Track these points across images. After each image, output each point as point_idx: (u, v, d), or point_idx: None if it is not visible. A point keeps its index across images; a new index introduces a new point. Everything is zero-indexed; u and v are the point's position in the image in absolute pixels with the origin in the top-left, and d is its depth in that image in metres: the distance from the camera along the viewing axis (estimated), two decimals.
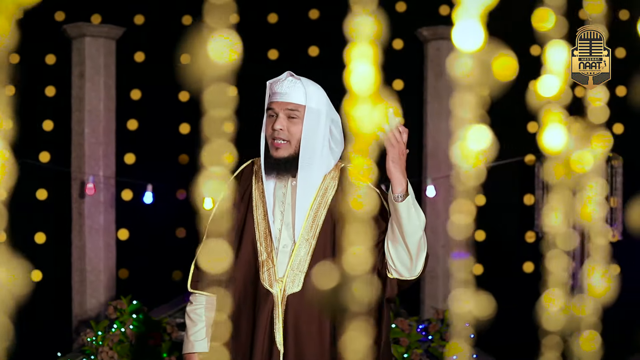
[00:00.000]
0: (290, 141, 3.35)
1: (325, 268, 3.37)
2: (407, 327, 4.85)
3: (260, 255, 3.37)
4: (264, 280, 3.34)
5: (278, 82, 3.46)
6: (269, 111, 3.42)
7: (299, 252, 3.35)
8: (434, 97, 6.99)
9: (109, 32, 7.05)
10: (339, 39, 6.91)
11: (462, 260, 1.91)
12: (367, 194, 3.51)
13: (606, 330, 6.65)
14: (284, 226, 3.39)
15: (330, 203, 3.40)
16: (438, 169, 6.94)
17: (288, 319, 3.30)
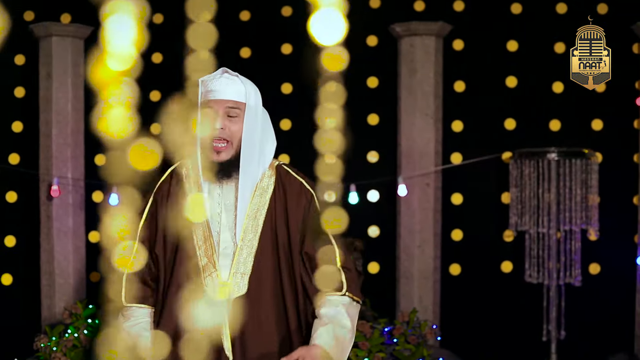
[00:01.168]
0: (231, 141, 3.24)
1: (269, 269, 3.26)
2: (369, 330, 4.72)
3: (200, 260, 3.24)
4: (206, 286, 3.21)
5: (214, 79, 3.29)
6: (205, 109, 3.26)
7: (241, 254, 3.24)
8: (408, 95, 6.87)
9: (77, 32, 6.90)
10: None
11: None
12: (302, 193, 3.46)
13: (588, 328, 6.56)
14: (224, 229, 3.27)
15: (269, 203, 3.32)
16: (413, 167, 6.82)
17: (236, 323, 3.20)
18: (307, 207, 3.36)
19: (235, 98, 3.26)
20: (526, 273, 6.48)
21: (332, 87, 2.26)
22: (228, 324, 3.20)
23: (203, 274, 3.22)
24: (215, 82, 3.27)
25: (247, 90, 3.30)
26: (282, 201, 3.34)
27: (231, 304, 3.21)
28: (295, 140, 7.23)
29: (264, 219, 3.29)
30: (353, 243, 5.35)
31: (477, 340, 7.10)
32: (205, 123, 3.26)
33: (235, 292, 3.22)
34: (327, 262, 3.31)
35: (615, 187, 6.97)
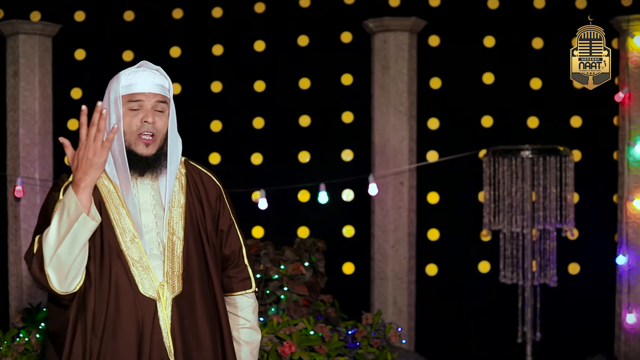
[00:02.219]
0: (156, 136, 3.11)
1: (196, 265, 3.17)
2: (329, 333, 4.59)
3: (132, 263, 3.09)
4: (142, 289, 3.08)
5: (138, 73, 3.14)
6: (131, 103, 3.10)
7: (169, 252, 3.13)
8: (381, 92, 6.75)
9: (44, 29, 6.78)
10: (288, 33, 6.52)
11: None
12: (213, 187, 3.37)
13: (567, 329, 6.41)
14: (150, 229, 3.15)
15: (187, 199, 3.23)
16: (386, 165, 6.70)
17: (174, 325, 3.09)
18: (219, 201, 3.31)
19: (161, 92, 3.13)
20: (500, 273, 6.36)
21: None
22: (169, 323, 3.08)
23: (137, 277, 3.09)
24: (139, 75, 3.13)
25: (169, 84, 3.19)
26: (197, 196, 3.25)
27: (170, 305, 3.09)
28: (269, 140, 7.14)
29: (184, 215, 3.20)
30: (315, 244, 5.23)
31: (453, 342, 6.98)
32: (131, 117, 3.09)
33: (173, 292, 3.11)
34: (236, 259, 3.34)
35: (595, 185, 6.85)
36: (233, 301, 3.34)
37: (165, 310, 3.08)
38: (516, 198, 6.21)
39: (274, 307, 4.88)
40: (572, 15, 6.88)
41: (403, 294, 6.70)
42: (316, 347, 4.48)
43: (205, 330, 3.15)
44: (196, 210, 3.22)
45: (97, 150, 2.87)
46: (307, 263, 5.09)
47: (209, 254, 3.22)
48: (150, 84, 3.11)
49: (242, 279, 3.34)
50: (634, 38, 6.42)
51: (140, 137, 3.08)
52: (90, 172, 2.88)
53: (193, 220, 3.20)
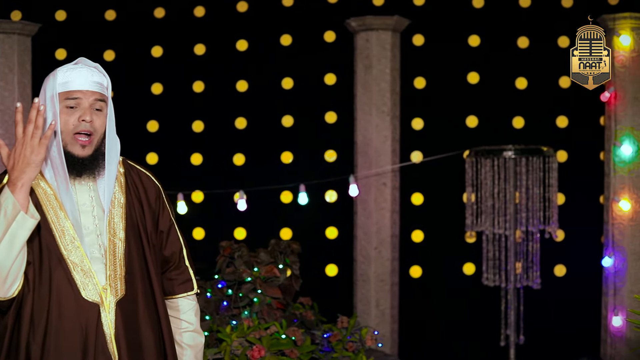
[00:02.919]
0: (94, 135, 3.01)
1: (137, 267, 3.09)
2: (301, 337, 4.51)
3: (72, 268, 3.00)
4: (85, 293, 2.99)
5: (76, 70, 3.04)
6: (68, 101, 2.99)
7: (110, 255, 3.04)
8: (364, 91, 6.67)
9: (24, 29, 6.69)
10: (268, 32, 6.44)
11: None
12: (152, 186, 3.26)
13: (553, 332, 6.33)
14: (90, 231, 3.05)
15: (127, 199, 3.14)
16: (369, 166, 6.62)
17: (119, 329, 3.00)
18: (158, 201, 3.23)
19: (100, 90, 3.04)
20: (483, 276, 6.28)
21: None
22: (113, 327, 2.99)
23: (79, 281, 3.00)
24: (77, 72, 3.02)
25: (108, 82, 3.09)
26: (137, 196, 3.17)
27: (114, 309, 3.01)
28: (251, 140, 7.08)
29: (125, 216, 3.11)
30: (290, 246, 5.15)
31: (436, 345, 6.90)
32: (68, 115, 2.99)
33: (116, 295, 3.02)
34: (177, 260, 3.26)
35: (581, 186, 6.78)
36: (174, 304, 3.26)
37: (108, 314, 2.99)
38: (499, 199, 6.13)
39: (247, 310, 4.80)
40: (558, 14, 6.81)
41: (386, 296, 6.62)
42: (287, 351, 4.40)
43: (149, 334, 3.07)
44: (136, 211, 3.14)
45: (34, 148, 2.74)
46: (281, 265, 5.01)
47: (149, 256, 3.13)
48: (88, 82, 3.01)
49: (184, 281, 3.25)
50: (620, 37, 6.34)
51: (76, 137, 2.98)
52: (27, 170, 2.76)
53: (134, 221, 3.12)
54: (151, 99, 7.03)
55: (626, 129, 6.40)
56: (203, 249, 6.48)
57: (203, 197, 6.89)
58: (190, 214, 6.72)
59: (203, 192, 6.88)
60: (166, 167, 6.91)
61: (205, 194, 6.86)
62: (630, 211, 6.38)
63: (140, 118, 7.03)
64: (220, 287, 4.89)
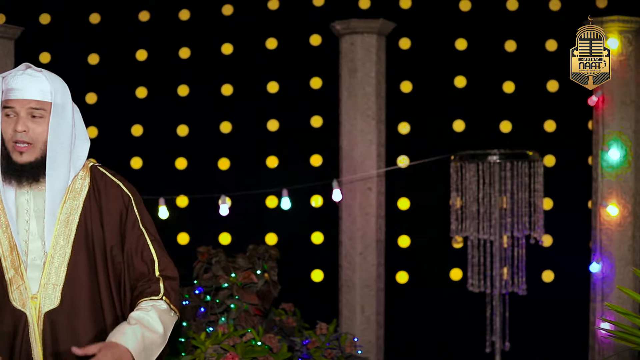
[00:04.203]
0: (34, 144, 2.97)
1: (84, 278, 3.00)
2: (277, 344, 4.45)
3: (6, 272, 2.97)
4: (14, 300, 2.95)
5: (16, 77, 2.99)
6: (6, 109, 2.97)
7: (52, 263, 2.98)
8: (348, 95, 6.61)
9: (6, 32, 6.64)
10: (253, 35, 6.37)
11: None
12: (119, 196, 3.15)
13: (540, 338, 6.26)
14: (32, 237, 3.01)
15: (84, 206, 3.05)
16: (354, 170, 6.55)
17: (47, 340, 2.94)
18: (125, 212, 3.10)
19: (39, 97, 2.96)
20: (468, 282, 6.21)
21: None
22: (39, 340, 2.93)
23: (10, 287, 2.95)
24: (17, 79, 2.98)
25: (53, 87, 2.99)
26: (96, 204, 3.07)
27: (42, 319, 2.94)
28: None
29: (77, 225, 3.03)
30: (268, 251, 5.09)
31: (422, 351, 6.84)
32: (6, 125, 2.97)
33: (47, 306, 2.95)
34: (150, 273, 3.08)
35: (569, 191, 6.72)
36: (138, 307, 3.04)
37: (36, 326, 2.94)
38: (484, 204, 6.07)
39: (224, 316, 4.74)
40: (546, 18, 6.76)
41: (371, 302, 6.55)
42: (261, 359, 4.34)
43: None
44: (92, 219, 3.05)
45: None
46: (259, 271, 4.95)
47: (102, 268, 3.03)
48: (26, 90, 2.96)
49: (152, 290, 3.06)
50: (607, 40, 6.28)
51: (15, 145, 2.95)
52: None
53: (86, 230, 3.03)
54: (135, 103, 6.97)
55: (614, 133, 6.34)
56: (187, 254, 6.42)
57: (188, 202, 6.83)
58: (174, 219, 6.66)
59: (187, 197, 6.82)
60: (151, 172, 6.86)
61: (190, 199, 6.80)
62: (618, 216, 6.32)
63: (124, 122, 6.97)
64: (198, 293, 4.83)
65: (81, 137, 3.10)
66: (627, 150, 6.31)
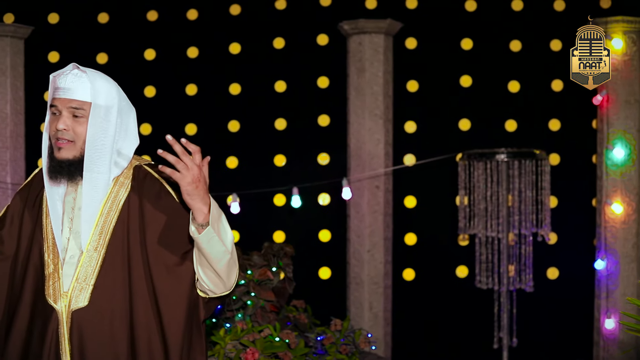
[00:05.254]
0: (75, 142, 3.02)
1: (118, 281, 3.01)
2: (294, 340, 4.51)
3: (47, 267, 3.03)
4: (49, 296, 3.00)
5: (61, 76, 3.05)
6: (51, 108, 3.05)
7: (86, 263, 3.01)
8: (356, 94, 6.68)
9: (16, 31, 6.69)
10: (261, 34, 6.42)
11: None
12: (161, 195, 3.16)
13: (546, 335, 6.32)
14: (73, 235, 3.05)
15: (122, 208, 3.07)
16: (362, 169, 6.62)
17: (74, 338, 2.96)
18: (168, 210, 3.08)
19: (80, 97, 3.01)
20: (476, 278, 6.28)
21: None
22: (67, 337, 2.98)
23: (47, 282, 3.01)
24: (62, 79, 3.03)
25: (94, 88, 3.03)
26: (137, 205, 3.07)
27: (70, 316, 2.98)
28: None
29: (114, 226, 3.04)
30: (283, 249, 5.15)
31: (429, 347, 6.91)
32: (51, 122, 3.05)
33: (76, 304, 2.99)
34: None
35: (574, 189, 6.79)
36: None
37: (65, 323, 2.98)
38: (492, 202, 6.14)
39: (240, 313, 4.80)
40: (551, 18, 6.83)
41: (379, 299, 6.62)
42: (281, 354, 4.40)
43: (117, 353, 2.98)
44: (130, 221, 3.05)
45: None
46: (274, 268, 5.01)
47: (137, 271, 3.02)
48: (69, 89, 3.01)
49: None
50: (612, 40, 6.36)
51: (57, 142, 3.02)
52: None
53: (124, 232, 3.04)
54: (144, 102, 7.02)
55: (618, 132, 6.41)
56: None
57: None
58: None
59: None
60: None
61: None
62: (622, 214, 6.40)
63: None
64: None
65: (127, 138, 3.12)
66: (631, 149, 6.39)
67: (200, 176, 2.83)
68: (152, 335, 3.01)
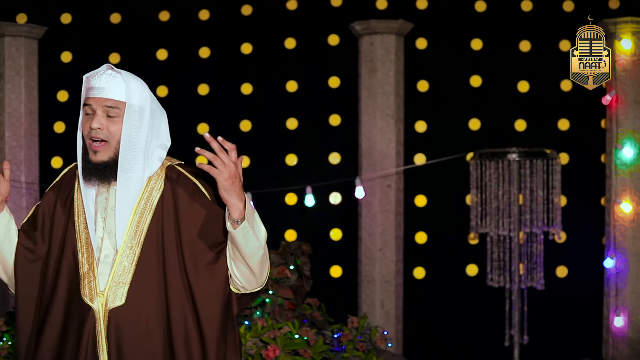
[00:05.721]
0: (109, 142, 3.07)
1: (153, 280, 3.06)
2: (313, 337, 4.57)
3: (81, 267, 3.08)
4: (85, 295, 3.06)
5: (96, 76, 3.11)
6: (85, 108, 3.10)
7: (121, 262, 3.07)
8: (368, 94, 6.73)
9: (30, 32, 6.75)
10: (275, 36, 6.47)
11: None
12: (195, 195, 3.22)
13: (555, 332, 6.38)
14: (107, 234, 3.11)
15: (156, 208, 3.13)
16: (373, 168, 6.68)
17: (111, 336, 3.02)
18: (202, 209, 3.14)
19: (115, 97, 3.07)
20: (488, 277, 6.34)
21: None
22: (104, 335, 3.03)
23: (83, 281, 3.07)
24: (97, 78, 3.09)
25: (129, 88, 3.10)
26: (171, 205, 3.13)
27: (107, 315, 3.03)
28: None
29: (149, 225, 3.10)
30: (300, 247, 5.20)
31: (440, 345, 6.96)
32: (84, 122, 3.10)
33: (112, 303, 3.04)
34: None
35: (583, 188, 6.84)
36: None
37: (102, 322, 3.04)
38: (503, 201, 6.20)
39: (259, 310, 4.85)
40: (560, 18, 6.88)
41: (390, 297, 6.68)
42: (301, 351, 4.46)
43: (154, 351, 3.04)
44: (164, 220, 3.11)
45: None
46: (292, 266, 5.06)
47: (172, 270, 3.08)
48: (104, 89, 3.07)
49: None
50: (621, 41, 6.42)
51: (90, 143, 3.07)
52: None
53: (159, 232, 3.10)
54: None
55: (627, 131, 6.47)
56: None
57: None
58: None
59: None
60: None
61: None
62: (631, 213, 6.46)
63: None
64: None
65: (159, 139, 3.19)
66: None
67: (236, 172, 2.93)
68: (189, 332, 3.06)
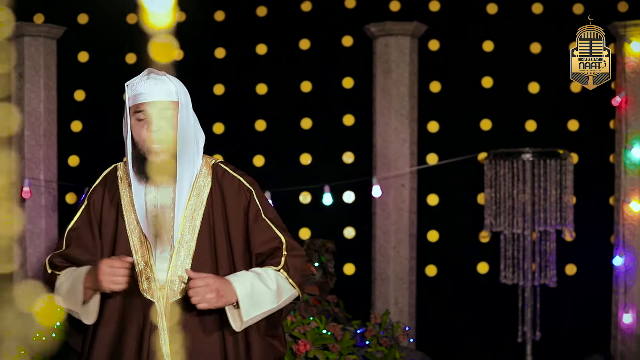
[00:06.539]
0: (167, 142, 3.16)
1: (207, 271, 3.18)
2: (340, 332, 4.68)
3: (137, 265, 3.18)
4: (144, 291, 3.17)
5: (143, 81, 3.20)
6: (137, 114, 3.18)
7: (178, 256, 3.18)
8: (383, 95, 6.84)
9: (49, 32, 6.84)
10: (290, 37, 6.61)
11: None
12: (240, 192, 3.34)
13: (564, 329, 6.52)
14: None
15: (206, 203, 3.24)
16: (388, 168, 6.79)
17: (172, 329, 3.11)
18: (247, 206, 3.27)
19: (167, 98, 3.18)
20: (501, 274, 6.46)
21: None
22: (166, 329, 3.13)
23: (140, 278, 3.17)
24: (143, 84, 3.18)
25: (177, 88, 3.21)
26: (219, 201, 3.25)
27: (169, 309, 3.14)
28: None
29: (201, 220, 3.21)
30: (324, 245, 5.31)
31: (453, 341, 7.06)
32: (138, 127, 3.18)
33: (173, 296, 3.16)
34: (273, 252, 3.26)
35: (591, 188, 6.95)
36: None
37: (163, 315, 3.14)
38: (517, 200, 6.31)
39: None
40: (570, 21, 6.99)
41: (404, 294, 6.79)
42: (330, 346, 4.57)
43: (212, 341, 3.15)
44: (214, 215, 3.23)
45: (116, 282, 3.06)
46: (317, 263, 5.17)
47: (224, 261, 3.20)
48: (154, 92, 3.16)
49: (273, 262, 3.24)
50: (630, 43, 6.53)
51: (151, 145, 3.15)
52: (111, 289, 3.07)
53: (210, 225, 3.22)
54: None
55: (636, 132, 6.59)
56: None
57: None
58: None
59: None
60: None
61: None
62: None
63: None
64: None
65: (200, 134, 3.32)
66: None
67: (209, 288, 3.01)
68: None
